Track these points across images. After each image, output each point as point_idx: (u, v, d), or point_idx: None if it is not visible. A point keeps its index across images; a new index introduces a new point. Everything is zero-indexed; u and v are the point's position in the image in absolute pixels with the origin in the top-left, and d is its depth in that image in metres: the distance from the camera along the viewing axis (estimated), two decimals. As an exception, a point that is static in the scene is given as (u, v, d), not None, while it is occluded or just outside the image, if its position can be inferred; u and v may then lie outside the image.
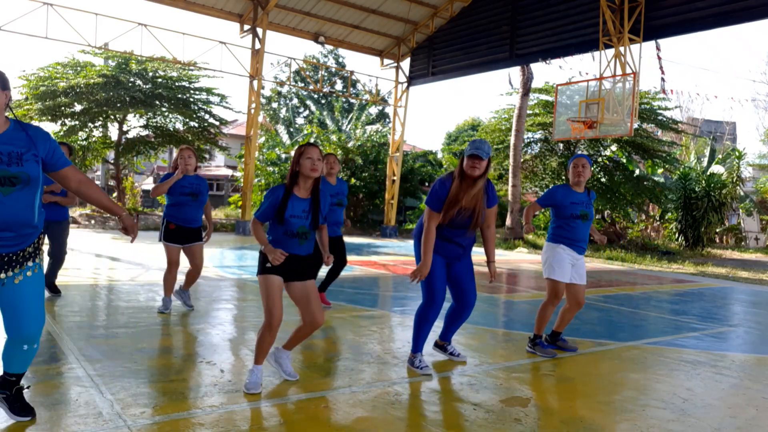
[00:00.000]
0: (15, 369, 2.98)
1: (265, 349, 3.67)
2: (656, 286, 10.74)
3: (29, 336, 2.87)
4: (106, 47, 16.92)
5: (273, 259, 3.47)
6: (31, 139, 2.78)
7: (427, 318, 4.27)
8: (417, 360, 4.28)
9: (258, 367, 3.68)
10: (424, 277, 4.10)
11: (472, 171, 4.05)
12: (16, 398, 2.98)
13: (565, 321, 5.02)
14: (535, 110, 21.34)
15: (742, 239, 25.57)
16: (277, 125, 34.77)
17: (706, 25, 13.40)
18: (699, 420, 3.54)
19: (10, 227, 2.72)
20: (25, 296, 2.82)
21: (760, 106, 36.24)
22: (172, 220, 5.71)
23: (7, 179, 2.67)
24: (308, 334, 3.87)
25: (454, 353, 4.62)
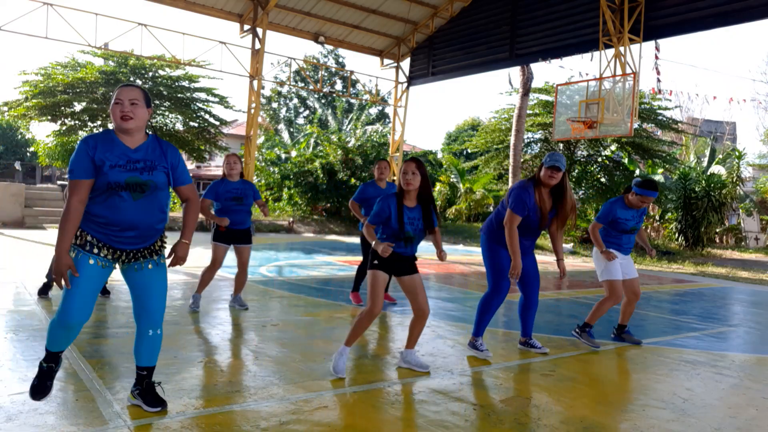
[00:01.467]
0: (144, 362, 3.24)
1: (359, 332, 4.07)
2: (656, 286, 10.74)
3: (154, 320, 3.19)
4: (106, 47, 16.93)
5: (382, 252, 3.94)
6: (164, 152, 3.13)
7: (490, 306, 4.75)
8: (478, 343, 4.76)
9: (346, 349, 4.06)
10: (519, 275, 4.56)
11: (549, 180, 4.60)
12: (148, 392, 3.22)
13: (627, 314, 5.49)
14: (535, 110, 21.34)
15: (742, 239, 25.57)
16: (278, 125, 34.78)
17: (706, 25, 13.40)
18: (699, 420, 3.54)
19: (135, 227, 3.06)
20: (150, 283, 3.18)
21: (761, 106, 36.23)
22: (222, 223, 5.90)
23: (139, 186, 3.01)
24: (421, 326, 4.22)
25: (535, 345, 4.96)
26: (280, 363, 4.29)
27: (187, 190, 3.26)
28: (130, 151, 3.05)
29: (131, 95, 3.04)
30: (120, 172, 2.99)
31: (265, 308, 6.48)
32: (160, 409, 3.18)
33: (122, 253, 3.10)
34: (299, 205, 23.44)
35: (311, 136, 26.42)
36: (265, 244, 15.12)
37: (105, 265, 3.07)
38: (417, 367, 4.22)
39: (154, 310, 3.20)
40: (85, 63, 20.25)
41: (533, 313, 4.95)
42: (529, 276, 4.83)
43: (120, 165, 2.99)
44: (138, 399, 3.23)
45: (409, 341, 4.29)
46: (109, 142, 3.04)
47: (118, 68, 20.22)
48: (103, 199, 2.99)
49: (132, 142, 3.08)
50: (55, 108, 19.53)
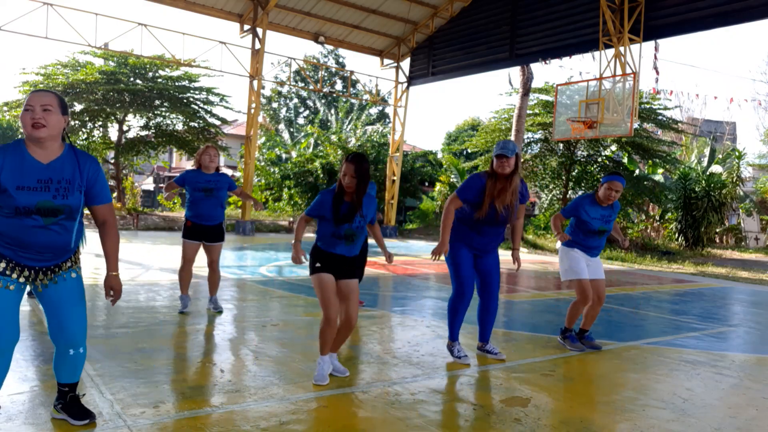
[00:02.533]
0: (65, 379, 3.01)
1: (328, 341, 3.92)
2: (656, 286, 10.74)
3: (72, 339, 2.91)
4: (106, 47, 16.93)
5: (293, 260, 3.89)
6: (80, 167, 2.81)
7: (457, 309, 4.58)
8: (455, 349, 4.60)
9: (324, 358, 3.93)
10: (439, 257, 4.31)
11: (502, 170, 4.34)
12: (72, 404, 3.02)
13: (589, 318, 5.23)
14: (535, 110, 21.33)
15: (742, 239, 25.56)
16: (278, 125, 34.78)
17: (706, 25, 13.40)
18: (699, 420, 3.54)
19: (48, 250, 2.80)
20: (64, 299, 2.88)
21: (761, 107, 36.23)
22: (190, 217, 5.77)
23: (51, 211, 2.72)
24: (346, 334, 4.01)
25: (493, 351, 4.77)
26: (280, 363, 4.29)
27: (104, 211, 2.92)
28: (40, 168, 2.71)
29: (44, 101, 2.71)
30: (29, 195, 2.66)
31: (265, 308, 6.48)
32: (89, 422, 2.97)
33: (31, 270, 2.81)
34: (299, 205, 23.44)
35: (311, 136, 26.43)
36: (265, 244, 15.13)
37: (14, 287, 2.78)
38: (336, 373, 4.02)
39: (73, 328, 2.89)
40: (85, 63, 20.26)
41: (492, 317, 4.72)
42: (488, 276, 4.61)
43: (29, 187, 2.67)
44: (62, 413, 3.01)
45: (333, 346, 4.06)
46: (19, 157, 2.69)
47: (118, 68, 20.23)
48: (11, 220, 2.69)
49: (44, 156, 2.74)
50: (55, 108, 19.52)
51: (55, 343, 2.94)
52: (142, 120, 21.69)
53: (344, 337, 4.04)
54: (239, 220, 18.82)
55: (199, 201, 5.70)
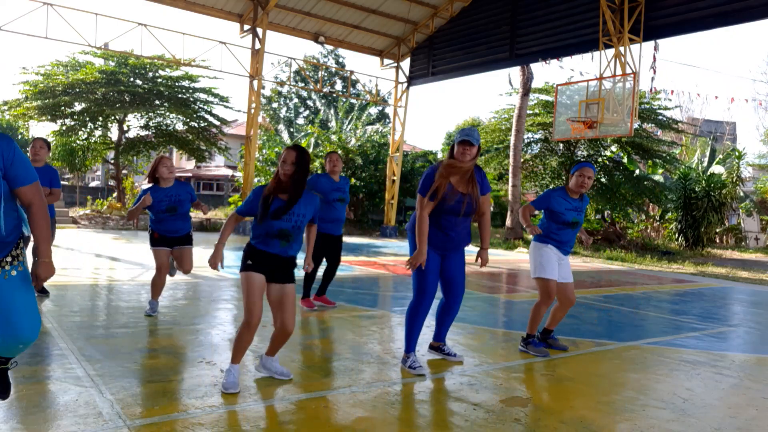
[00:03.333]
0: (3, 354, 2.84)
1: (243, 347, 3.65)
2: (656, 286, 10.74)
3: (23, 337, 2.71)
4: (106, 47, 16.93)
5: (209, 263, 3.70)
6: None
7: (417, 313, 4.27)
8: (410, 360, 4.26)
9: (235, 366, 3.65)
10: (419, 265, 4.10)
11: (462, 157, 4.08)
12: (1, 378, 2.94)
13: (556, 319, 5.07)
14: (535, 110, 21.34)
15: (742, 239, 25.57)
16: (278, 125, 34.79)
17: (706, 25, 13.40)
18: (699, 420, 3.54)
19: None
20: (12, 295, 2.66)
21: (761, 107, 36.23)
22: (156, 229, 5.55)
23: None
24: (282, 340, 3.82)
25: (450, 353, 4.59)
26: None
27: (29, 192, 2.62)
28: None
29: None
30: None
31: (265, 308, 6.46)
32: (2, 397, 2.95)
33: None
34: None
35: (311, 136, 26.41)
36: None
37: None
38: (278, 374, 3.87)
39: (23, 326, 2.67)
40: (85, 63, 20.27)
41: (452, 318, 4.52)
42: (451, 274, 4.33)
43: None
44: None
45: (270, 349, 3.90)
46: None
47: (118, 68, 20.23)
48: None
49: None
50: (55, 108, 19.54)
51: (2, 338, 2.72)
52: (142, 120, 21.69)
53: (281, 343, 3.84)
54: (239, 220, 18.79)
55: (165, 219, 5.47)
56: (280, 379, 3.86)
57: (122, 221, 19.41)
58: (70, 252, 10.57)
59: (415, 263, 4.09)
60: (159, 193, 5.40)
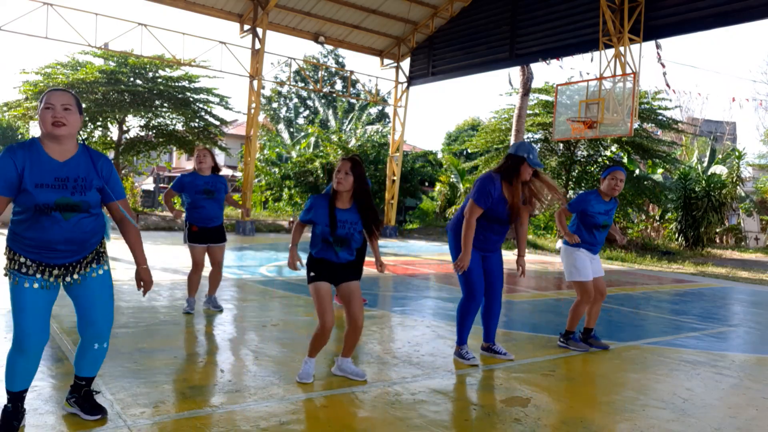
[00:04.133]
0: (85, 373, 3.10)
1: (317, 347, 3.89)
2: (656, 286, 10.74)
3: (98, 333, 3.01)
4: (106, 47, 16.92)
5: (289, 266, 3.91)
6: (95, 165, 2.88)
7: (468, 312, 4.55)
8: (463, 351, 4.57)
9: (311, 360, 3.93)
10: (465, 269, 4.33)
11: (526, 176, 4.38)
12: (86, 400, 3.09)
13: (593, 315, 5.26)
14: (535, 110, 21.33)
15: (742, 239, 25.57)
16: (278, 125, 34.81)
17: (706, 25, 13.40)
18: (699, 420, 3.54)
19: (71, 245, 2.86)
20: (93, 295, 2.98)
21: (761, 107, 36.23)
22: (194, 222, 5.78)
23: (70, 207, 2.79)
24: (354, 337, 3.95)
25: (500, 351, 4.76)
26: (280, 363, 4.29)
27: (120, 207, 3.00)
28: (57, 166, 2.78)
29: (63, 100, 2.78)
30: (48, 192, 2.73)
31: (265, 308, 6.48)
32: (100, 417, 3.03)
33: (58, 268, 2.88)
34: (299, 205, 23.45)
35: (311, 135, 26.44)
36: (265, 244, 15.12)
37: (47, 286, 2.87)
38: (353, 376, 3.99)
39: (99, 322, 3.00)
40: (85, 63, 20.25)
41: (496, 317, 4.72)
42: (492, 276, 4.61)
43: (47, 184, 2.74)
44: (75, 407, 3.08)
45: (344, 350, 4.04)
46: (36, 155, 2.76)
47: (118, 68, 20.22)
48: (31, 219, 2.76)
49: (61, 154, 2.80)
50: (55, 108, 19.50)
51: (81, 337, 3.04)
52: (142, 120, 21.68)
53: (354, 341, 3.98)
54: (239, 221, 18.83)
55: (201, 203, 5.73)
56: (354, 379, 3.95)
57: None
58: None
59: (462, 266, 4.32)
60: (196, 179, 5.78)
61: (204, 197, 5.72)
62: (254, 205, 25.61)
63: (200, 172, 5.80)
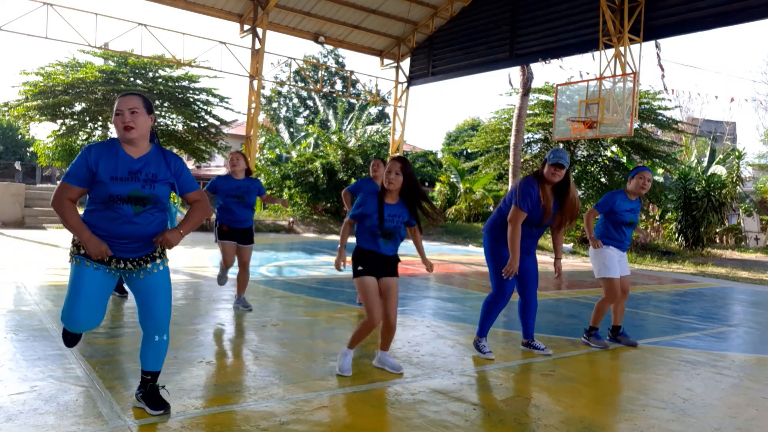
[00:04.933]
0: (150, 366, 3.22)
1: (359, 339, 4.08)
2: (656, 286, 10.74)
3: (159, 325, 3.15)
4: (106, 47, 16.92)
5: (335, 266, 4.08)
6: (167, 163, 3.11)
7: (495, 308, 4.73)
8: (481, 344, 4.75)
9: (350, 351, 4.12)
10: (515, 273, 4.49)
11: (552, 177, 4.51)
12: (151, 394, 3.20)
13: (619, 313, 5.42)
14: (535, 110, 21.34)
15: (742, 239, 25.56)
16: (278, 125, 34.80)
17: (706, 25, 13.40)
18: (699, 420, 3.54)
19: (135, 239, 3.04)
20: (153, 288, 3.14)
21: (761, 106, 36.23)
22: (224, 222, 5.93)
23: (140, 199, 2.99)
24: (389, 333, 4.14)
25: (538, 347, 4.92)
26: (280, 363, 4.29)
27: (195, 195, 3.24)
28: (132, 161, 3.02)
29: (131, 104, 3.00)
30: (122, 185, 2.96)
31: (265, 308, 6.47)
32: (163, 412, 3.16)
33: (124, 261, 3.09)
34: (299, 205, 23.45)
35: (311, 135, 26.42)
36: (265, 244, 15.12)
37: (108, 271, 3.08)
38: (391, 369, 4.19)
39: (160, 315, 3.16)
40: (85, 63, 20.25)
41: (533, 314, 4.91)
42: (528, 276, 4.79)
43: (121, 177, 2.97)
44: (141, 402, 3.22)
45: (382, 344, 4.26)
46: (113, 152, 3.01)
47: (118, 68, 20.23)
48: (103, 210, 2.98)
49: (136, 152, 3.05)
50: (55, 108, 19.53)
51: (143, 329, 3.18)
52: (142, 120, 21.66)
53: (389, 336, 4.18)
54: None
55: (231, 206, 5.91)
56: (392, 372, 4.13)
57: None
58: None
59: (511, 272, 4.47)
60: (229, 182, 5.93)
61: (235, 201, 5.89)
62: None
63: (234, 175, 5.95)
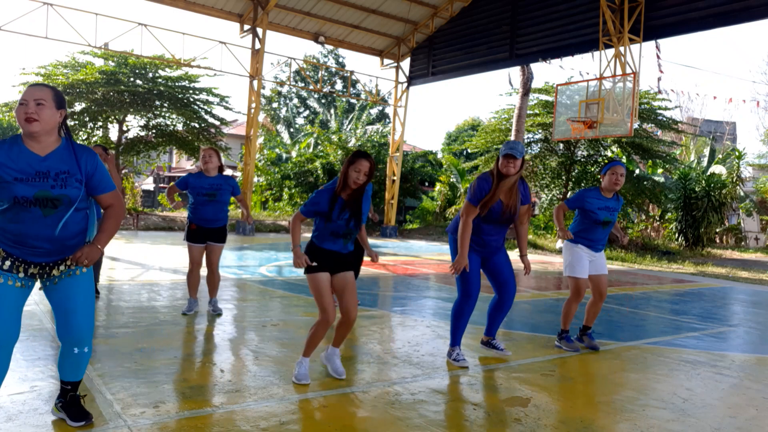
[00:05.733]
0: (68, 377, 3.01)
1: (316, 342, 3.89)
2: (656, 286, 10.74)
3: (78, 337, 2.90)
4: (106, 47, 16.92)
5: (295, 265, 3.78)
6: (77, 160, 2.80)
7: (463, 312, 4.51)
8: (455, 353, 4.52)
9: (306, 359, 3.92)
10: (461, 270, 4.31)
11: (507, 170, 4.32)
12: (72, 405, 3.01)
13: (592, 315, 5.23)
14: (535, 110, 21.33)
15: (742, 239, 25.57)
16: (278, 125, 34.80)
17: (706, 25, 13.40)
18: (699, 420, 3.54)
19: (48, 242, 2.79)
20: (72, 295, 2.88)
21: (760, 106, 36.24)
22: (193, 220, 5.73)
23: (50, 201, 2.72)
24: (347, 328, 3.96)
25: (498, 347, 4.78)
26: (280, 363, 4.29)
27: (109, 198, 2.93)
28: (37, 160, 2.73)
29: (37, 95, 2.72)
30: (27, 186, 2.68)
31: (265, 308, 6.47)
32: (84, 423, 2.96)
33: (36, 266, 2.82)
34: (299, 205, 23.45)
35: (311, 135, 26.43)
36: (265, 244, 15.13)
37: (23, 284, 2.81)
38: (332, 371, 4.01)
39: (81, 324, 2.89)
40: (85, 63, 20.25)
41: (504, 314, 4.71)
42: (503, 274, 4.59)
43: (26, 178, 2.69)
44: (62, 412, 3.02)
45: (335, 339, 4.06)
46: (16, 149, 2.72)
47: (118, 68, 20.22)
48: (11, 213, 2.71)
49: (41, 149, 2.75)
50: (55, 108, 19.51)
51: (60, 341, 2.94)
52: (142, 120, 21.67)
53: (345, 333, 3.99)
54: (239, 220, 18.82)
55: (203, 205, 5.65)
56: (334, 376, 3.97)
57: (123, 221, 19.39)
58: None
59: (459, 267, 4.30)
60: (201, 180, 5.66)
61: (206, 199, 5.63)
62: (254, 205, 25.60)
63: (206, 173, 5.69)
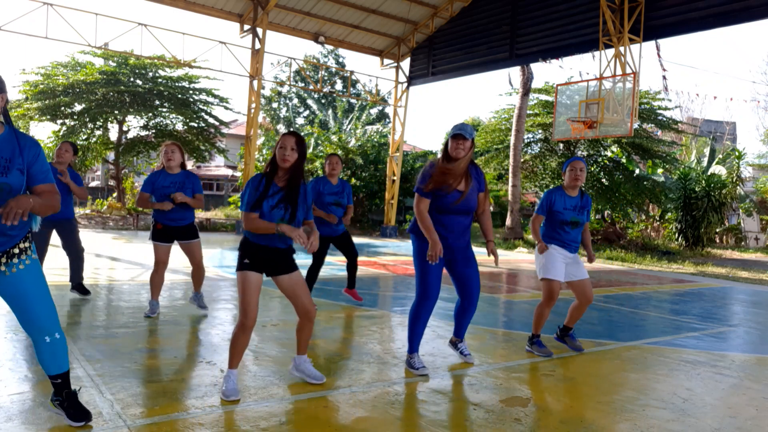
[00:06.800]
0: (53, 370, 2.94)
1: (240, 351, 3.55)
2: (656, 286, 10.74)
3: (41, 325, 2.83)
4: (106, 47, 16.93)
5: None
6: (20, 148, 2.70)
7: (419, 315, 4.21)
8: (414, 360, 4.23)
9: (233, 372, 3.55)
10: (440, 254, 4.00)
11: (456, 152, 4.08)
12: (70, 403, 2.96)
13: (574, 317, 5.06)
14: (535, 110, 21.35)
15: (742, 239, 25.57)
16: (278, 125, 34.78)
17: (706, 25, 13.40)
18: (699, 420, 3.54)
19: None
20: (25, 286, 2.80)
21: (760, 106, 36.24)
22: (159, 219, 5.53)
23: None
24: (309, 329, 3.77)
25: (463, 352, 4.59)
26: (280, 363, 4.29)
27: (45, 188, 2.78)
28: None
29: None
30: None
31: (265, 308, 6.47)
32: (84, 423, 2.91)
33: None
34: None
35: (311, 136, 26.42)
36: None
37: None
38: (309, 378, 3.79)
39: (40, 313, 2.82)
40: (85, 63, 20.27)
41: (468, 318, 4.49)
42: (462, 274, 4.31)
43: None
44: (59, 410, 2.98)
45: (298, 347, 3.83)
46: None
47: (118, 68, 20.24)
48: None
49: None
50: (56, 109, 19.55)
51: (29, 334, 2.87)
52: (142, 120, 21.69)
53: (308, 335, 3.77)
54: (239, 220, 18.83)
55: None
56: (313, 383, 3.79)
57: (122, 221, 19.41)
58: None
59: (435, 254, 3.98)
60: (163, 178, 5.43)
61: (169, 198, 5.41)
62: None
63: (168, 170, 5.45)
